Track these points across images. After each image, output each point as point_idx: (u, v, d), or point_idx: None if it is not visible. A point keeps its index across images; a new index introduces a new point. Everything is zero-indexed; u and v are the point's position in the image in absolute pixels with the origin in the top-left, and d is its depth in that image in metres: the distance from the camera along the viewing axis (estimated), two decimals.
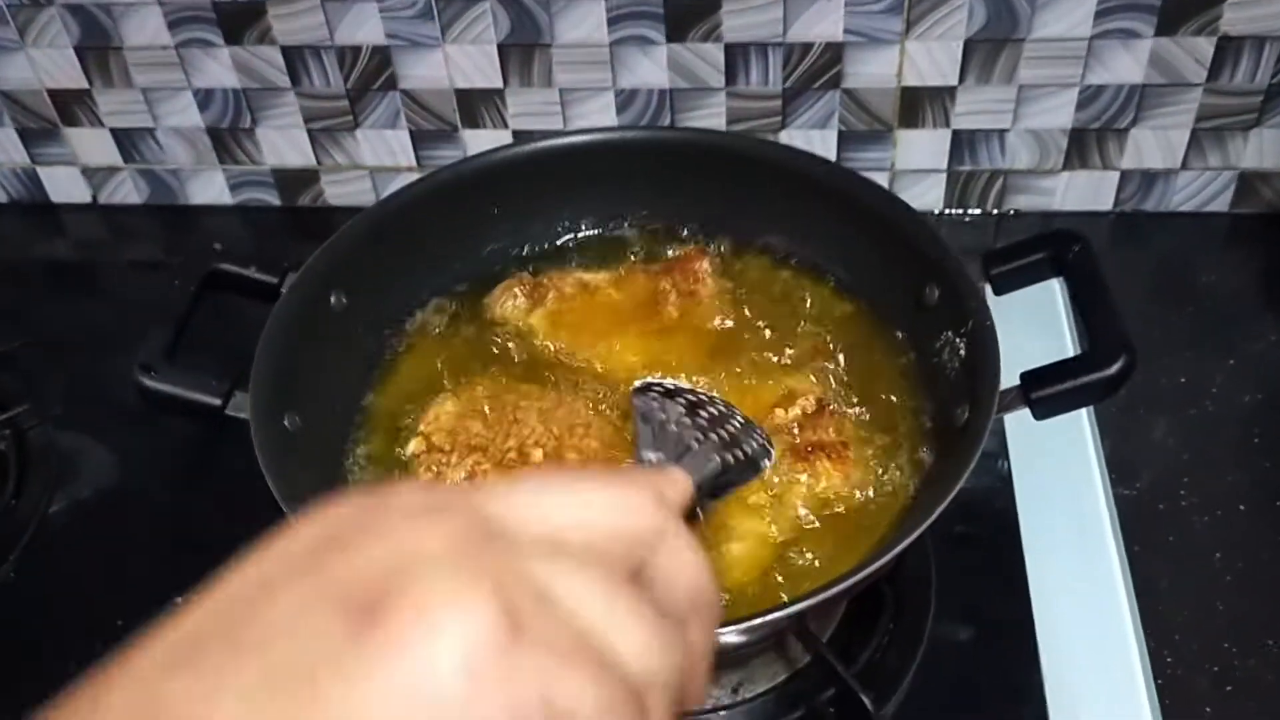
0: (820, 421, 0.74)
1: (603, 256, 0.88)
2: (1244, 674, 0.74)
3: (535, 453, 0.71)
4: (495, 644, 0.26)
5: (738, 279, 0.85)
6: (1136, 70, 0.97)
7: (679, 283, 0.84)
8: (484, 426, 0.73)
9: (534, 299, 0.84)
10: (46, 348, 1.01)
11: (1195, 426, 0.89)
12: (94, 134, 1.13)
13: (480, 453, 0.72)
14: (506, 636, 0.27)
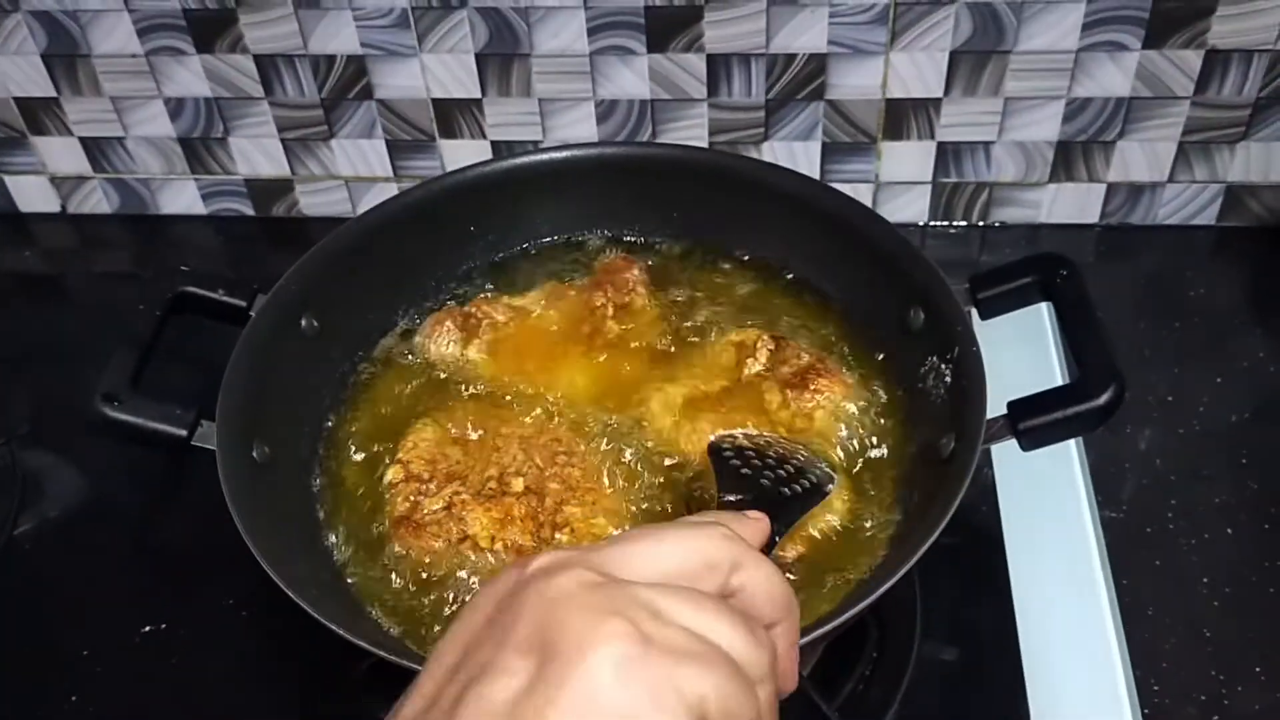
0: (787, 354, 0.76)
1: (561, 271, 0.86)
2: (1232, 703, 0.72)
3: (516, 482, 0.70)
4: (633, 654, 0.37)
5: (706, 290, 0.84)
6: (1123, 83, 0.95)
7: (612, 296, 0.82)
8: (464, 454, 0.71)
9: (466, 331, 0.81)
10: (13, 363, 0.99)
11: (1182, 445, 0.88)
12: (62, 143, 1.10)
13: (460, 481, 0.70)
14: (639, 647, 0.37)
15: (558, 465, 0.70)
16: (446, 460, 0.71)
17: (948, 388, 0.69)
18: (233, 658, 0.77)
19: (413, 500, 0.70)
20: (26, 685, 0.77)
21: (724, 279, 0.84)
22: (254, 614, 0.78)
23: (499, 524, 0.67)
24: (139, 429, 0.66)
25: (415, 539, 0.68)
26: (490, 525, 0.67)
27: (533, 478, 0.70)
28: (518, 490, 0.69)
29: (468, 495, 0.69)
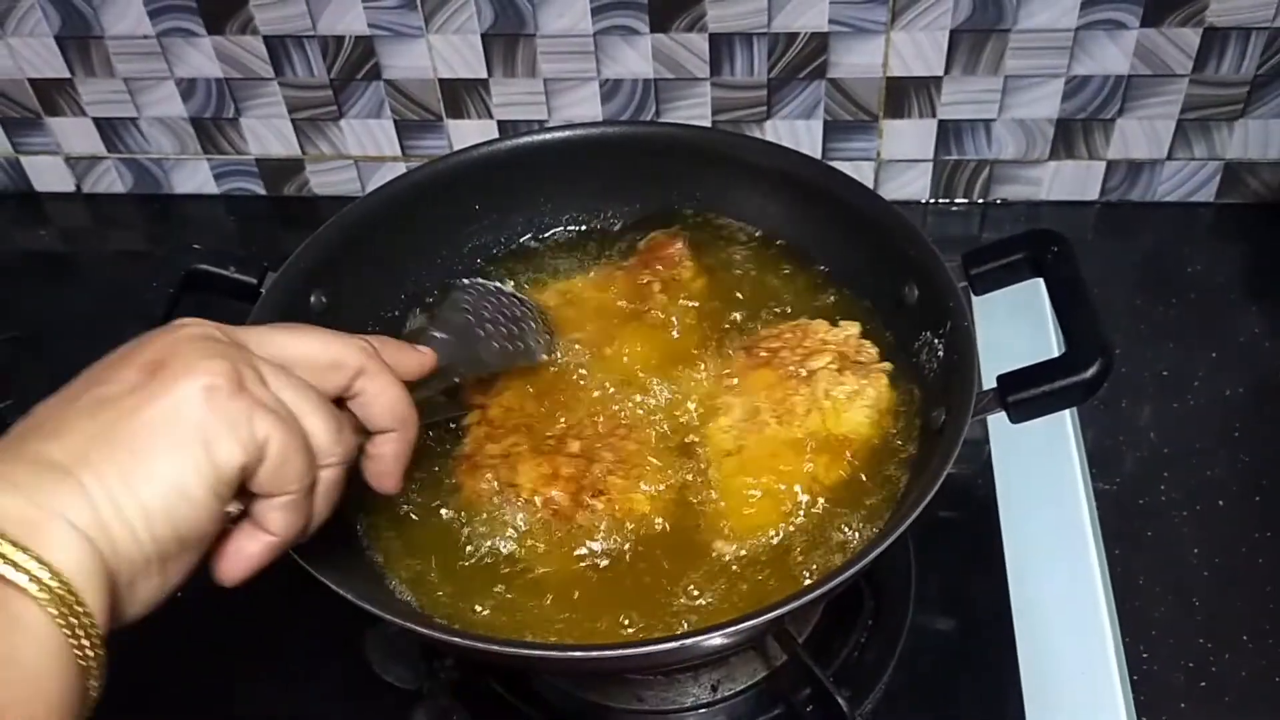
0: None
1: (582, 253, 0.87)
2: (1220, 670, 0.74)
3: (573, 444, 0.71)
4: (223, 388, 0.49)
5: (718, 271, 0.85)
6: (1122, 61, 0.96)
7: (660, 273, 0.83)
8: (538, 409, 0.74)
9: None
10: (30, 341, 1.00)
11: (1177, 419, 0.89)
12: (76, 123, 1.12)
13: (525, 433, 0.72)
14: (231, 385, 0.49)
15: (616, 436, 0.72)
16: (522, 413, 0.73)
17: (940, 362, 0.70)
18: (252, 622, 0.79)
19: (480, 442, 0.72)
20: None
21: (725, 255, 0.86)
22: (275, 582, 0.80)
23: (545, 479, 0.69)
24: None
25: (469, 478, 0.70)
26: (536, 479, 0.69)
27: (589, 443, 0.71)
28: (572, 451, 0.71)
29: (526, 448, 0.71)
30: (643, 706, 0.72)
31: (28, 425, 0.48)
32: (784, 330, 0.77)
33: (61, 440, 0.47)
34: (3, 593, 0.42)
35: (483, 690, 0.73)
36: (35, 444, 0.47)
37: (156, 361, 0.49)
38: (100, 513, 0.46)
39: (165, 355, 0.49)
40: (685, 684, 0.72)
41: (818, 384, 0.72)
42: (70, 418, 0.48)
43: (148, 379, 0.49)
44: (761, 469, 0.70)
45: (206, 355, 0.50)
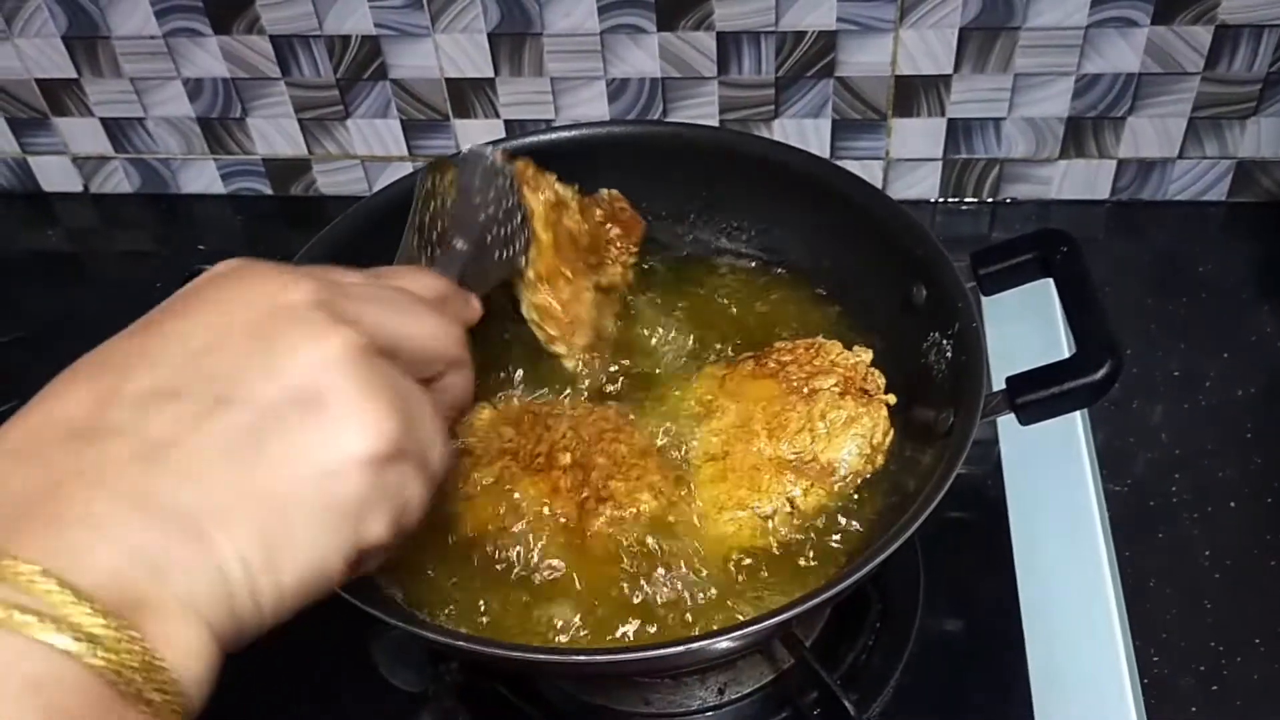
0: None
1: None
2: (1231, 674, 0.73)
3: (563, 456, 0.71)
4: (389, 455, 0.42)
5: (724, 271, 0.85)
6: (1133, 59, 0.95)
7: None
8: (516, 433, 0.73)
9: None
10: (36, 341, 1.01)
11: (1188, 420, 0.88)
12: (84, 123, 1.12)
13: (511, 456, 0.72)
14: (396, 450, 0.42)
15: (604, 442, 0.72)
16: (500, 438, 0.73)
17: (948, 363, 0.69)
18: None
19: (467, 472, 0.71)
20: None
21: (730, 256, 0.86)
22: None
23: (546, 494, 0.69)
24: None
25: (468, 507, 0.70)
26: (539, 496, 0.69)
27: (580, 453, 0.71)
28: (565, 464, 0.70)
29: (517, 469, 0.71)
30: (649, 709, 0.72)
31: (128, 418, 0.39)
32: (798, 346, 0.76)
33: (197, 484, 0.38)
34: (96, 690, 0.35)
35: (488, 693, 0.73)
36: (165, 479, 0.38)
37: (310, 393, 0.41)
38: (233, 596, 0.38)
39: (320, 383, 0.41)
40: (692, 687, 0.72)
41: (816, 404, 0.71)
42: (203, 448, 0.39)
43: (300, 417, 0.40)
44: (740, 480, 0.70)
45: (369, 395, 0.41)
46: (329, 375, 0.41)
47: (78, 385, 0.41)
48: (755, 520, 0.69)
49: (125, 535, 0.36)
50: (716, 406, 0.74)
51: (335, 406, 0.41)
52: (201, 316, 0.42)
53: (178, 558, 0.37)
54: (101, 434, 0.38)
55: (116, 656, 0.34)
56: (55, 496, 0.37)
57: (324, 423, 0.40)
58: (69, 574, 0.35)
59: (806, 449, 0.70)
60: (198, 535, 0.37)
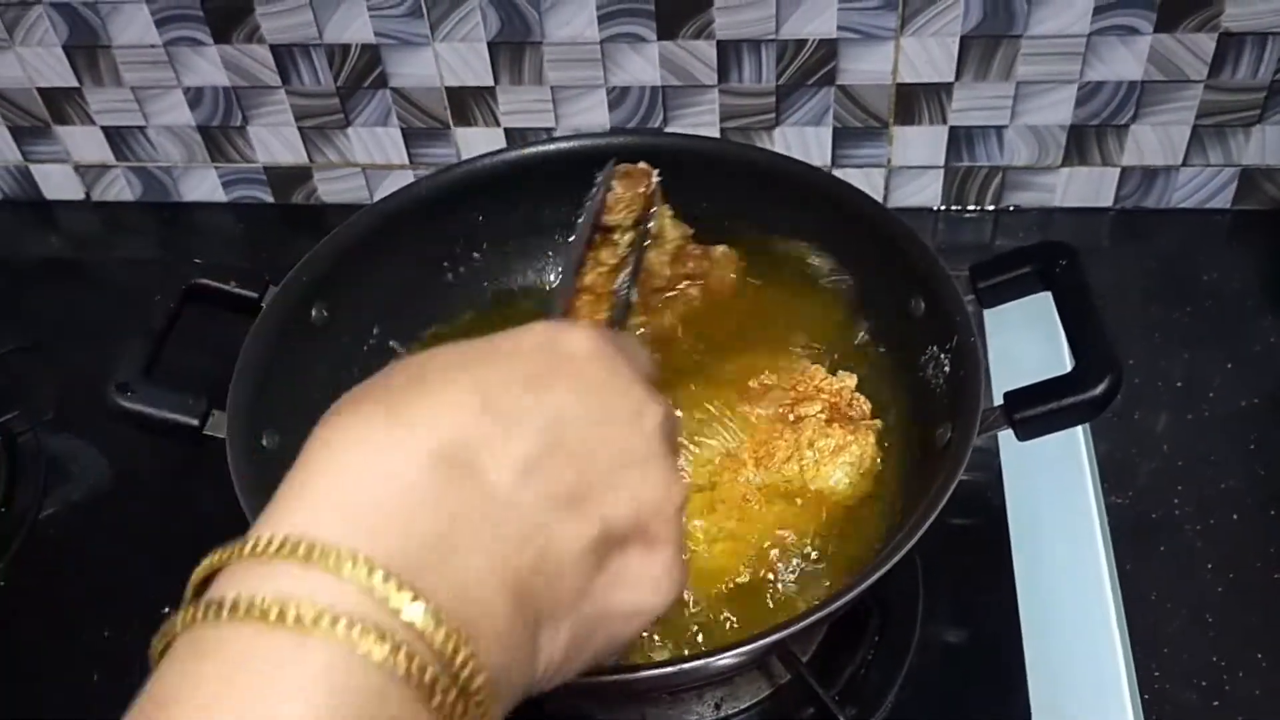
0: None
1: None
2: (1233, 688, 0.73)
3: None
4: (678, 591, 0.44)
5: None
6: (1136, 67, 0.95)
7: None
8: None
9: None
10: (39, 349, 1.01)
11: (1191, 431, 0.88)
12: (85, 132, 1.12)
13: None
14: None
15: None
16: None
17: (946, 377, 0.69)
18: None
19: None
20: (50, 665, 0.80)
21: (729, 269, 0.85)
22: None
23: None
24: (151, 418, 0.67)
25: None
26: None
27: None
28: None
29: None
30: None
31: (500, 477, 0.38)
32: (777, 371, 0.75)
33: (551, 577, 0.39)
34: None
35: None
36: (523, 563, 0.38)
37: (650, 534, 0.42)
38: (526, 689, 0.39)
39: (657, 529, 0.42)
40: (689, 703, 0.72)
41: (803, 431, 0.71)
42: (560, 545, 0.39)
43: (639, 555, 0.42)
44: (730, 511, 0.69)
45: (679, 555, 0.44)
46: (664, 524, 0.42)
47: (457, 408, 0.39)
48: (748, 550, 0.69)
49: (476, 580, 0.36)
50: (708, 433, 0.73)
51: (661, 557, 0.42)
52: (571, 393, 0.41)
53: (510, 628, 0.37)
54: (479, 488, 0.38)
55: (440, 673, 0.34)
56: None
57: (649, 567, 0.42)
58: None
59: (795, 477, 0.70)
60: (534, 623, 0.38)
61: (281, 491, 0.37)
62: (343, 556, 0.34)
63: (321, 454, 0.37)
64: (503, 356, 0.41)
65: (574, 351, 0.42)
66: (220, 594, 0.33)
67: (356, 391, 0.40)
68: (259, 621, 0.32)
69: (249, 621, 0.33)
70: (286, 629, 0.32)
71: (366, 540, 0.34)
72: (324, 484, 0.36)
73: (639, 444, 0.42)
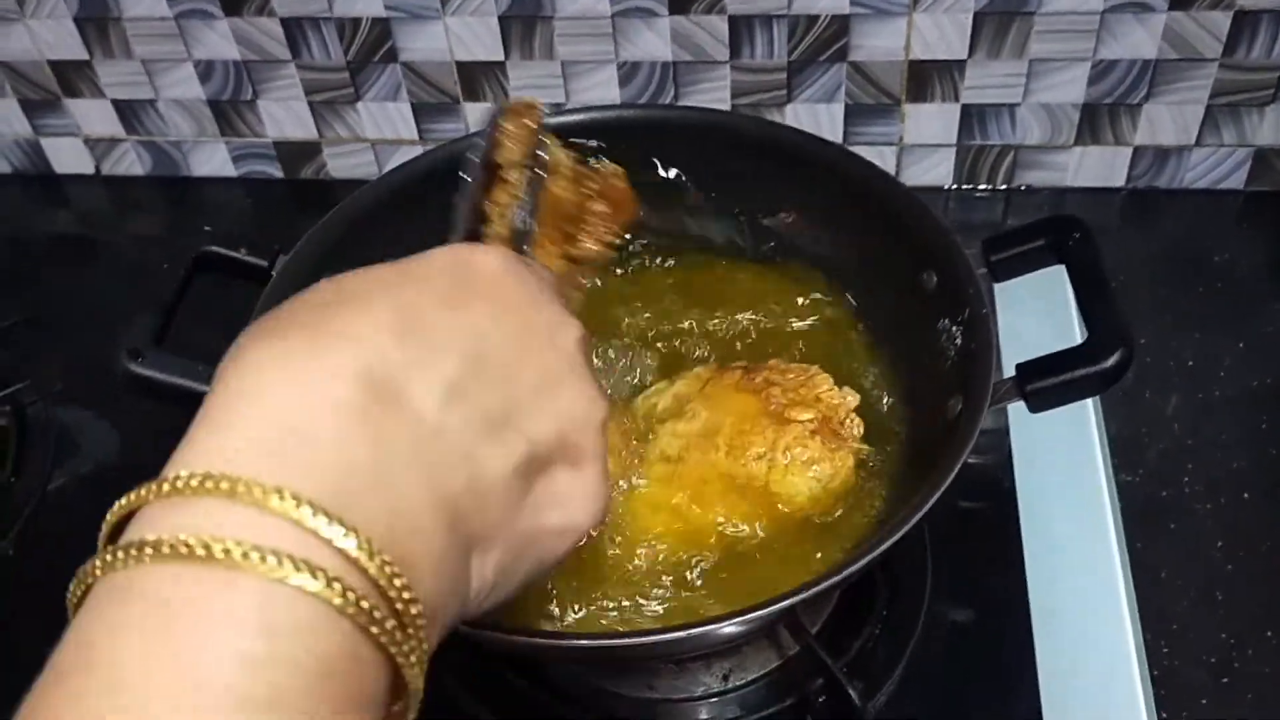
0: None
1: None
2: (1242, 666, 0.73)
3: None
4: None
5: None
6: (1150, 45, 0.94)
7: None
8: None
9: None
10: (47, 322, 1.01)
11: (1202, 410, 0.88)
12: (95, 105, 1.12)
13: None
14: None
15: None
16: None
17: (958, 350, 0.69)
18: None
19: None
20: (56, 639, 0.80)
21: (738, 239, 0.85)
22: None
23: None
24: (162, 384, 0.67)
25: None
26: None
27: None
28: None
29: None
30: (653, 694, 0.71)
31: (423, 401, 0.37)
32: (790, 369, 0.74)
33: (481, 503, 0.38)
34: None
35: (491, 675, 0.72)
36: (452, 483, 0.37)
37: (575, 451, 0.42)
38: (459, 611, 0.39)
39: (582, 444, 0.42)
40: (697, 672, 0.72)
41: (785, 434, 0.69)
42: (487, 468, 0.38)
43: (566, 475, 0.42)
44: (683, 485, 0.69)
45: (604, 473, 0.44)
46: (589, 440, 0.42)
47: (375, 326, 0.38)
48: (686, 528, 0.68)
49: (408, 509, 0.35)
50: (689, 409, 0.73)
51: (588, 473, 0.42)
52: (488, 313, 0.41)
53: (444, 554, 0.36)
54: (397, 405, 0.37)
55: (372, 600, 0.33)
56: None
57: (576, 485, 0.42)
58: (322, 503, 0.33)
59: (760, 475, 0.69)
60: (465, 547, 0.38)
61: (199, 421, 0.35)
62: (268, 490, 0.32)
63: (240, 380, 0.35)
64: (416, 279, 0.41)
65: (486, 270, 0.42)
66: (139, 535, 0.32)
67: (270, 316, 0.39)
68: (184, 561, 0.31)
69: (173, 561, 0.31)
70: (213, 567, 0.31)
71: (294, 473, 0.33)
72: (245, 413, 0.34)
73: (558, 362, 0.42)
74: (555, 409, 0.41)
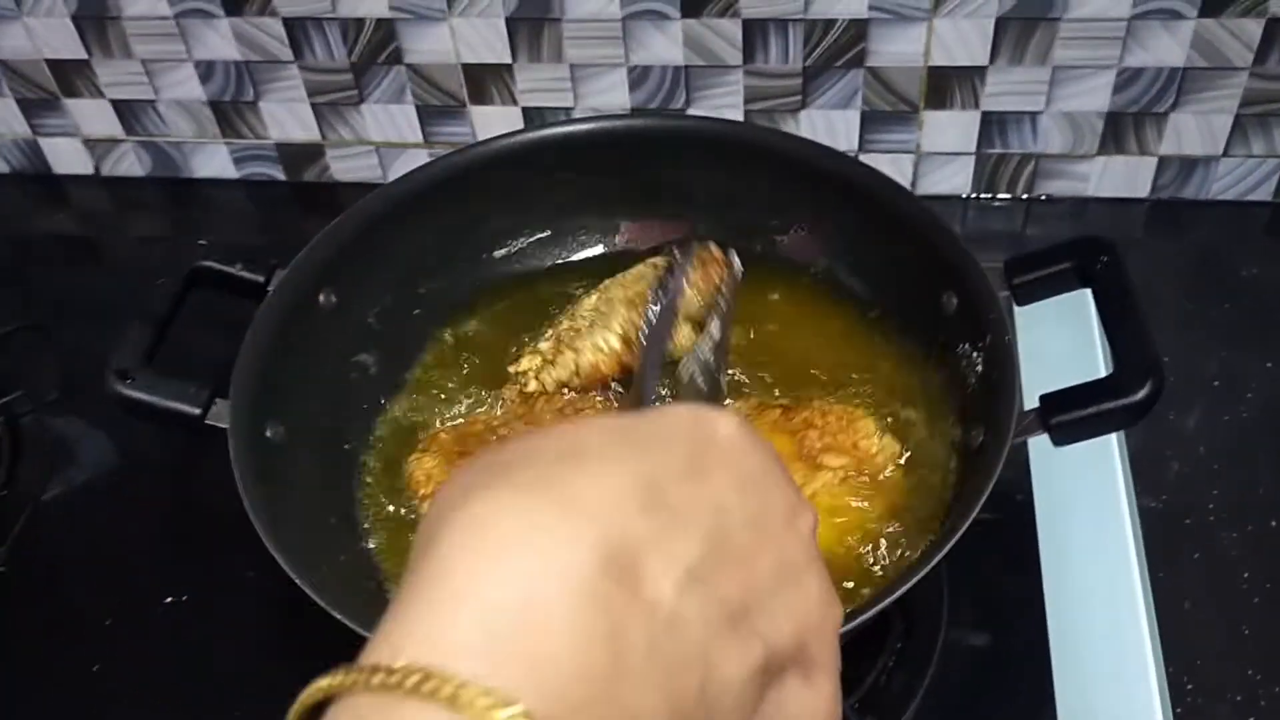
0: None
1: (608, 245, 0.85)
2: (1269, 705, 0.70)
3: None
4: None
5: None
6: (1178, 52, 0.91)
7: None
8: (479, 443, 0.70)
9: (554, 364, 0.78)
10: (44, 327, 0.99)
11: (1228, 432, 0.85)
12: (94, 105, 1.10)
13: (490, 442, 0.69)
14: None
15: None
16: (465, 446, 0.70)
17: (979, 377, 0.66)
18: (254, 631, 0.77)
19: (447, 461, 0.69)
20: (50, 652, 0.78)
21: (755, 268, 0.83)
22: (278, 588, 0.78)
23: None
24: (152, 407, 0.65)
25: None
26: None
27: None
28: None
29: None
30: None
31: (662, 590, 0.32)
32: (832, 411, 0.71)
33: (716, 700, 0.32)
34: None
35: None
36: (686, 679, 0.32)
37: (805, 652, 0.36)
38: None
39: (818, 638, 0.36)
40: None
41: (814, 481, 0.67)
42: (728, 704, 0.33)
43: (799, 682, 0.36)
44: None
45: (836, 677, 0.38)
46: (824, 647, 0.37)
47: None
48: None
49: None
50: None
51: (822, 687, 0.37)
52: (730, 486, 0.35)
53: None
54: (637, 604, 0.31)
55: None
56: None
57: (809, 700, 0.36)
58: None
59: None
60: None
61: (416, 582, 0.30)
62: (496, 703, 0.27)
63: (470, 537, 0.30)
64: (656, 440, 0.35)
65: (728, 438, 0.36)
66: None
67: (499, 462, 0.33)
68: None
69: None
70: None
71: (522, 672, 0.28)
72: (475, 583, 0.29)
73: (797, 550, 0.36)
74: (793, 606, 0.35)
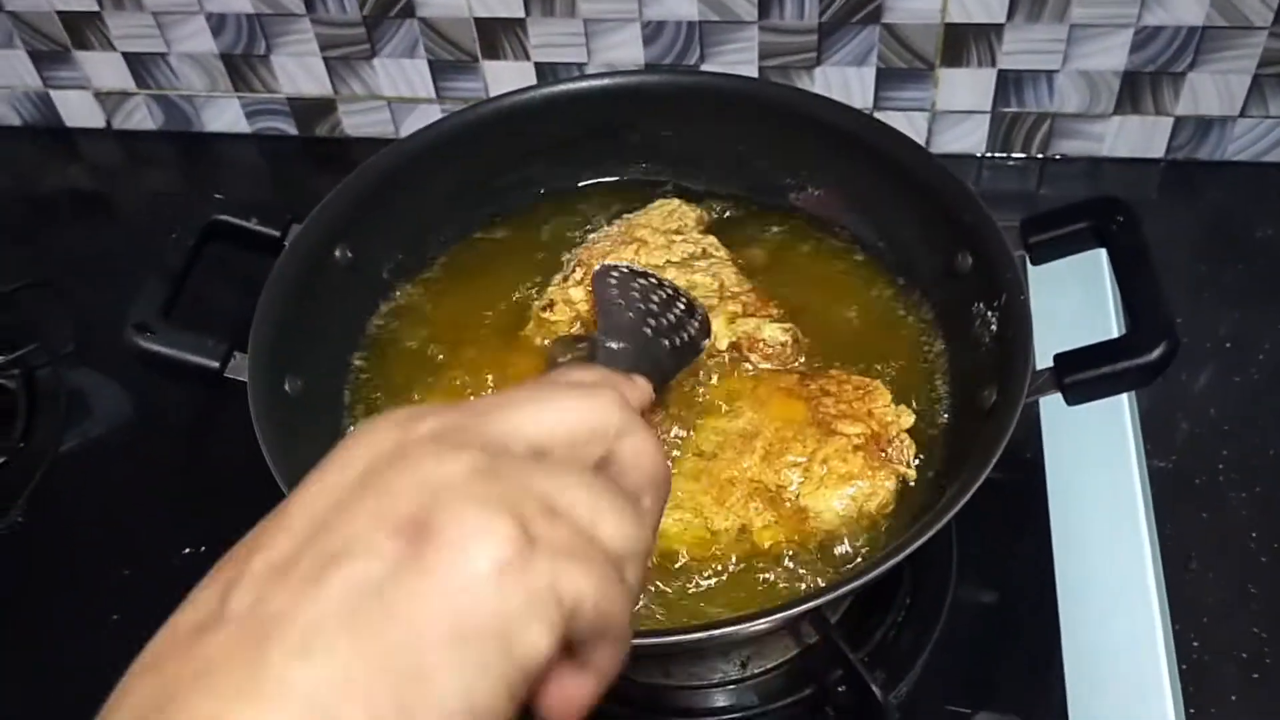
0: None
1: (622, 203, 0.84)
2: (1274, 661, 0.71)
3: None
4: (515, 557, 0.35)
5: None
6: (1197, 11, 0.90)
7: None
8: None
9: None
10: (58, 281, 0.99)
11: (1238, 393, 0.85)
12: (106, 58, 1.09)
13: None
14: (524, 549, 0.35)
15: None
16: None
17: (993, 336, 0.66)
18: None
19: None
20: (70, 604, 0.79)
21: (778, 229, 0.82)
22: None
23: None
24: (170, 360, 0.66)
25: None
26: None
27: None
28: None
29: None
30: (669, 681, 0.70)
31: (246, 600, 0.34)
32: (850, 380, 0.71)
33: (313, 660, 0.33)
34: None
35: None
36: (278, 658, 0.33)
37: (417, 522, 0.35)
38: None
39: (426, 508, 0.36)
40: (714, 660, 0.70)
41: (827, 445, 0.67)
42: (318, 617, 0.34)
43: (410, 553, 0.35)
44: (710, 485, 0.67)
45: (481, 504, 0.36)
46: (433, 489, 0.36)
47: (211, 580, 0.35)
48: (702, 530, 0.66)
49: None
50: (736, 408, 0.71)
51: (447, 529, 0.35)
52: (327, 476, 0.38)
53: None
54: (217, 626, 0.34)
55: None
56: (168, 706, 0.32)
57: (435, 549, 0.35)
58: None
59: (790, 484, 0.67)
60: (323, 715, 0.32)
61: None
62: None
63: None
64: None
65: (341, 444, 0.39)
66: None
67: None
68: None
69: None
70: None
71: None
72: None
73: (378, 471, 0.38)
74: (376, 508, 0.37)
